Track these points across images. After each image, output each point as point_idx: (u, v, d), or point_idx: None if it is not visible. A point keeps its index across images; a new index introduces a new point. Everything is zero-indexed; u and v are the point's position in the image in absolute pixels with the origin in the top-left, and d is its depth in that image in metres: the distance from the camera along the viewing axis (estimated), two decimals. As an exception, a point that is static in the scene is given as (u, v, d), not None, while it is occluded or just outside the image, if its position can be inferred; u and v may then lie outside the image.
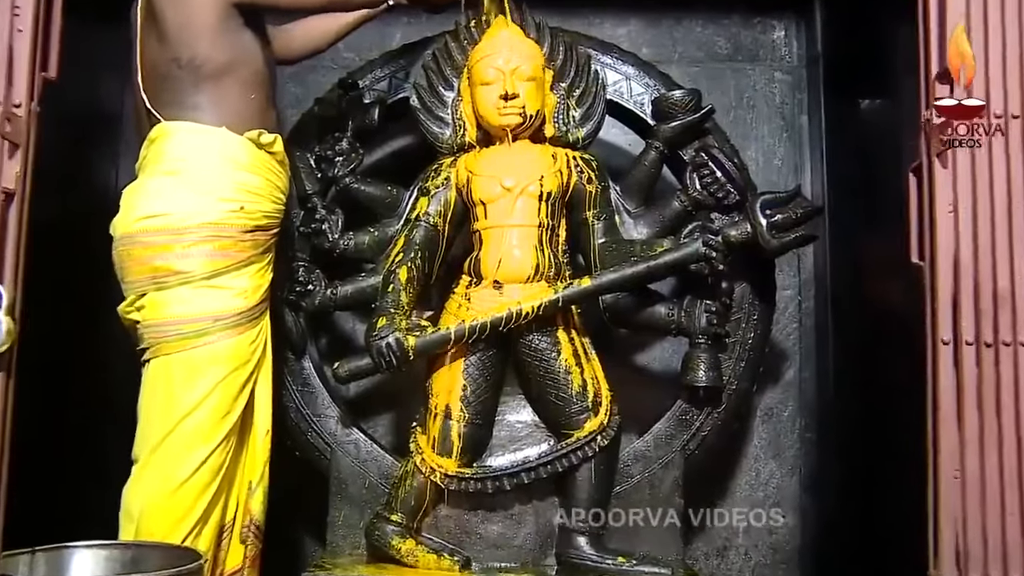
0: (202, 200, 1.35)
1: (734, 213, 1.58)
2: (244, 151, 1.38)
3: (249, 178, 1.39)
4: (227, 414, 1.35)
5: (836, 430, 1.90)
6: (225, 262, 1.36)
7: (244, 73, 1.39)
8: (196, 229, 1.33)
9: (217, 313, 1.34)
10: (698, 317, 1.51)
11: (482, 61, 1.54)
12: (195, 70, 1.35)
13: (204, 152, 1.36)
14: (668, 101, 1.61)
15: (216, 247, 1.35)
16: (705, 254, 1.43)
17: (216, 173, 1.36)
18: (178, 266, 1.33)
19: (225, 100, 1.38)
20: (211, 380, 1.34)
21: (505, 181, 1.49)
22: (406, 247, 1.52)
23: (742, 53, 2.08)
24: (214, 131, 1.37)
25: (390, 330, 1.40)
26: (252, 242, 1.39)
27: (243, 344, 1.37)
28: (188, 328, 1.33)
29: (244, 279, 1.38)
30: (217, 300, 1.35)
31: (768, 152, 2.04)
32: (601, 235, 1.55)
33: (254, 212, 1.39)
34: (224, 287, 1.35)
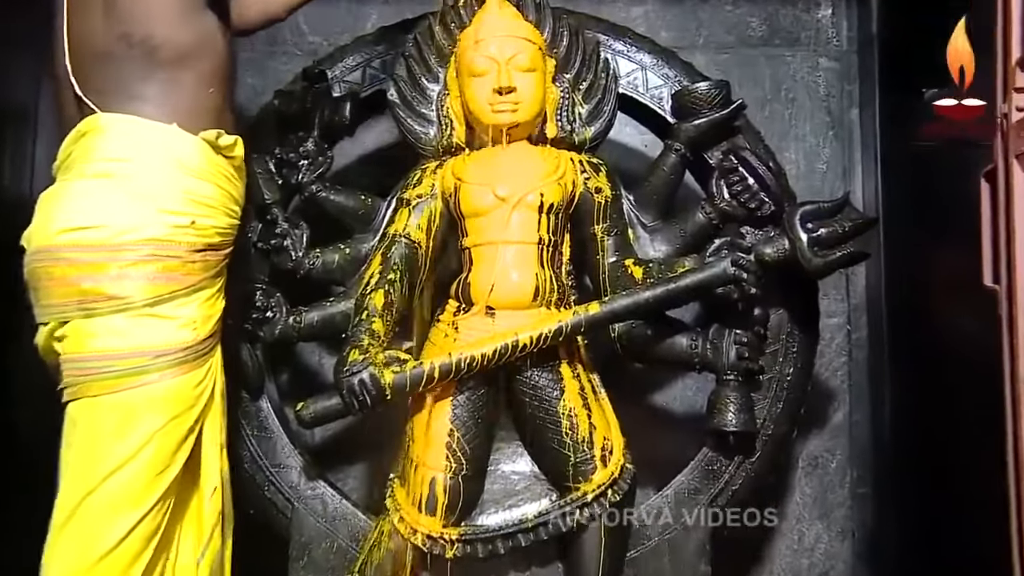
0: (144, 211, 1.34)
1: (769, 227, 1.64)
2: (198, 154, 1.39)
3: (202, 187, 1.40)
4: (164, 470, 1.35)
5: (895, 484, 1.93)
6: (170, 287, 1.36)
7: (204, 63, 1.41)
8: (136, 246, 1.33)
9: (159, 348, 1.34)
10: (726, 350, 1.55)
11: (472, 48, 1.59)
12: (149, 53, 1.36)
13: (149, 153, 1.36)
14: (691, 95, 1.66)
15: (160, 268, 1.34)
16: (735, 275, 1.46)
17: (163, 179, 1.36)
18: (112, 290, 1.32)
19: (179, 92, 1.38)
20: (147, 429, 1.33)
21: (499, 190, 1.54)
22: (383, 267, 1.56)
23: (780, 36, 2.14)
24: (163, 128, 1.37)
25: (363, 365, 1.43)
26: (203, 263, 1.40)
27: (188, 386, 1.37)
28: (122, 365, 1.32)
29: (192, 308, 1.39)
30: (159, 332, 1.35)
31: (811, 154, 2.10)
32: (612, 253, 1.60)
33: (206, 228, 1.40)
34: (168, 317, 1.36)
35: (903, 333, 1.94)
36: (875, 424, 2.01)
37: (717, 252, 1.56)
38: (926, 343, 1.82)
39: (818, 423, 2.01)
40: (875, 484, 2.00)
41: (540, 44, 1.62)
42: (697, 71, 1.77)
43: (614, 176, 1.64)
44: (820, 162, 2.10)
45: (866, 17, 2.11)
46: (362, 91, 1.76)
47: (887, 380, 1.98)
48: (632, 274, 1.57)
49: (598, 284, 1.61)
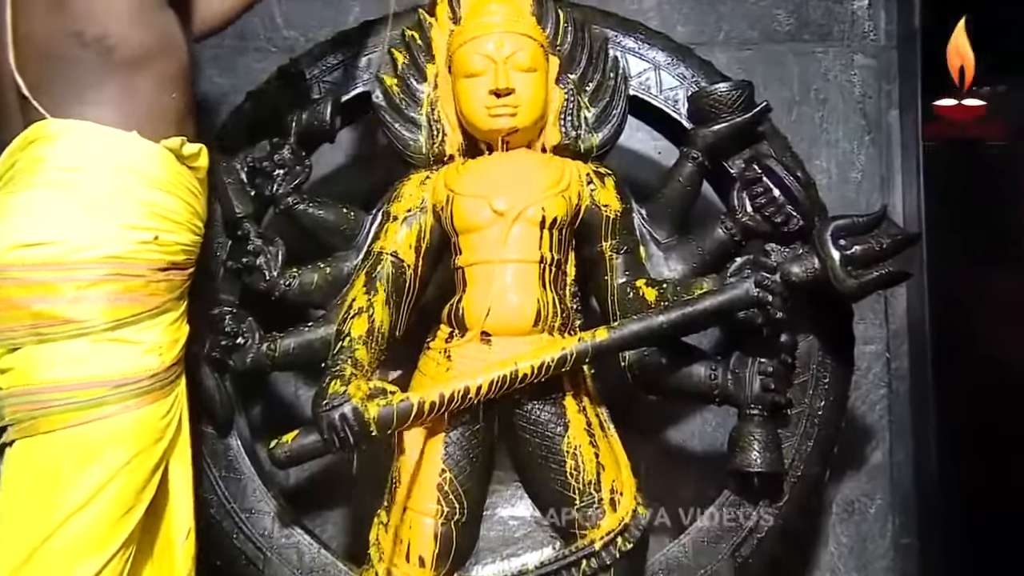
0: (103, 225, 1.36)
1: (797, 243, 1.66)
2: (160, 164, 1.42)
3: (164, 199, 1.42)
4: (129, 511, 1.36)
5: (942, 534, 1.95)
6: (133, 309, 1.38)
7: (165, 64, 1.43)
8: (95, 264, 1.35)
9: (121, 376, 1.36)
10: (750, 381, 1.57)
11: (466, 46, 1.62)
12: (105, 53, 1.37)
13: (106, 161, 1.38)
14: (710, 97, 1.68)
15: (121, 289, 1.36)
16: (759, 297, 1.47)
17: (122, 190, 1.38)
18: (69, 313, 1.33)
19: (139, 96, 1.41)
20: (108, 466, 1.34)
21: (496, 203, 1.56)
22: (367, 289, 1.59)
23: (810, 30, 2.16)
24: (122, 136, 1.39)
25: (345, 397, 1.43)
26: (167, 283, 1.43)
27: (153, 417, 1.40)
28: (81, 396, 1.33)
29: (157, 332, 1.41)
30: (122, 359, 1.37)
31: (844, 162, 2.12)
32: (622, 273, 1.63)
33: (170, 244, 1.42)
34: (131, 341, 1.38)
35: (949, 362, 1.96)
36: (919, 465, 2.02)
37: (739, 272, 1.55)
38: (975, 373, 1.85)
39: (854, 464, 2.02)
40: (920, 533, 2.01)
41: (542, 41, 1.66)
42: (716, 70, 1.80)
43: (624, 187, 1.68)
44: (855, 171, 2.12)
45: (907, 8, 2.13)
46: (344, 92, 1.78)
47: (932, 415, 1.99)
48: (644, 296, 1.59)
49: (606, 307, 1.64)
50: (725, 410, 1.66)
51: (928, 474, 2.00)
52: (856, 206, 2.05)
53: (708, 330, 1.70)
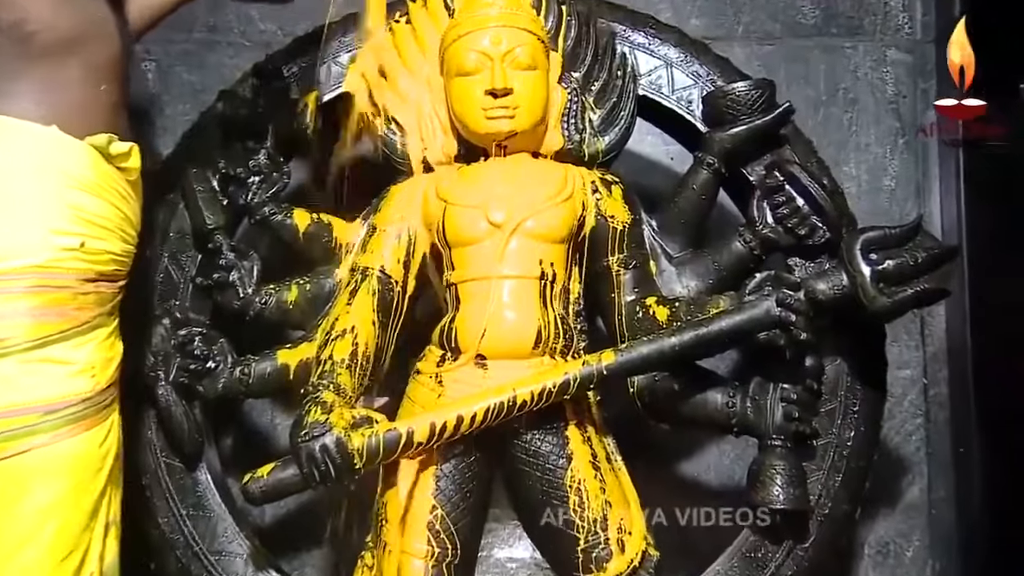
0: (21, 231, 1.34)
1: (823, 258, 1.68)
2: (84, 163, 1.40)
3: (91, 202, 1.40)
4: (70, 554, 1.35)
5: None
6: (60, 324, 1.36)
7: (94, 53, 1.41)
8: (15, 275, 1.33)
9: (51, 401, 1.34)
10: (771, 409, 1.58)
11: (460, 41, 1.64)
12: (23, 40, 1.36)
13: (23, 159, 1.36)
14: (727, 97, 1.70)
15: (45, 302, 1.34)
16: (781, 317, 1.48)
17: (42, 192, 1.36)
18: None
19: (62, 88, 1.39)
20: (43, 503, 1.33)
21: (493, 214, 1.59)
22: (350, 308, 1.61)
23: (838, 23, 2.19)
24: (40, 131, 1.37)
25: (326, 427, 1.44)
26: (96, 296, 1.41)
27: (90, 446, 1.38)
28: (6, 426, 1.32)
29: (88, 350, 1.40)
30: (50, 382, 1.35)
31: (876, 168, 2.15)
32: (630, 290, 1.65)
33: (98, 253, 1.40)
34: (60, 361, 1.36)
35: (994, 388, 1.97)
36: (961, 503, 2.03)
37: (759, 289, 1.57)
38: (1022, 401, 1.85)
39: (888, 501, 2.04)
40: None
41: (543, 36, 1.68)
42: (734, 67, 1.82)
43: (632, 196, 1.70)
44: (887, 178, 2.15)
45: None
46: (326, 92, 1.81)
47: (975, 447, 2.01)
48: (655, 316, 1.61)
49: (613, 328, 1.65)
50: (744, 441, 1.67)
51: (970, 513, 2.01)
52: (889, 216, 2.08)
53: (725, 353, 1.71)
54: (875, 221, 1.75)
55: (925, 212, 2.06)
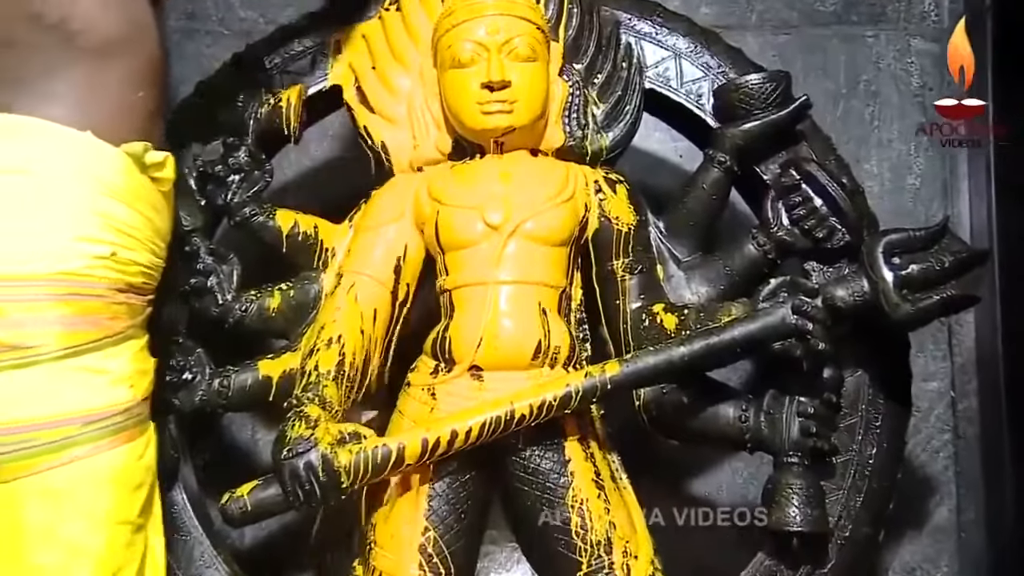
0: (52, 236, 1.36)
1: (842, 262, 1.69)
2: (118, 171, 1.42)
3: (122, 212, 1.42)
4: (119, 571, 1.36)
5: (1021, 605, 1.96)
6: (93, 333, 1.37)
7: (134, 58, 1.44)
8: (44, 281, 1.34)
9: (89, 411, 1.35)
10: (787, 423, 1.59)
11: (454, 31, 1.64)
12: (67, 38, 1.38)
13: (58, 164, 1.38)
14: (740, 90, 1.71)
15: (77, 310, 1.36)
16: (797, 325, 1.48)
17: (75, 198, 1.38)
18: (13, 338, 1.32)
19: (99, 92, 1.41)
20: (85, 520, 1.34)
21: (490, 215, 1.60)
22: (337, 315, 1.62)
23: (858, 11, 2.21)
24: (76, 136, 1.39)
25: (311, 443, 1.44)
26: (127, 307, 1.43)
27: (129, 459, 1.40)
28: (41, 438, 1.32)
29: (124, 360, 1.41)
30: (88, 391, 1.36)
31: (899, 165, 2.16)
32: (636, 297, 1.66)
33: (128, 263, 1.42)
34: (96, 370, 1.37)
35: (1028, 401, 1.97)
36: (992, 525, 2.04)
37: (774, 295, 1.57)
38: (1057, 415, 1.85)
39: (914, 523, 2.04)
40: (994, 605, 2.02)
41: (543, 25, 1.69)
42: (748, 59, 1.82)
43: (638, 196, 1.71)
44: (912, 176, 2.16)
45: (976, -17, 2.16)
46: (311, 84, 1.81)
47: (1007, 465, 2.01)
48: (662, 324, 1.62)
49: (618, 337, 1.67)
50: (759, 458, 1.68)
51: (1003, 536, 2.02)
52: (913, 217, 2.09)
53: (737, 364, 1.72)
54: (898, 222, 1.77)
55: (952, 213, 2.07)
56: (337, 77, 1.81)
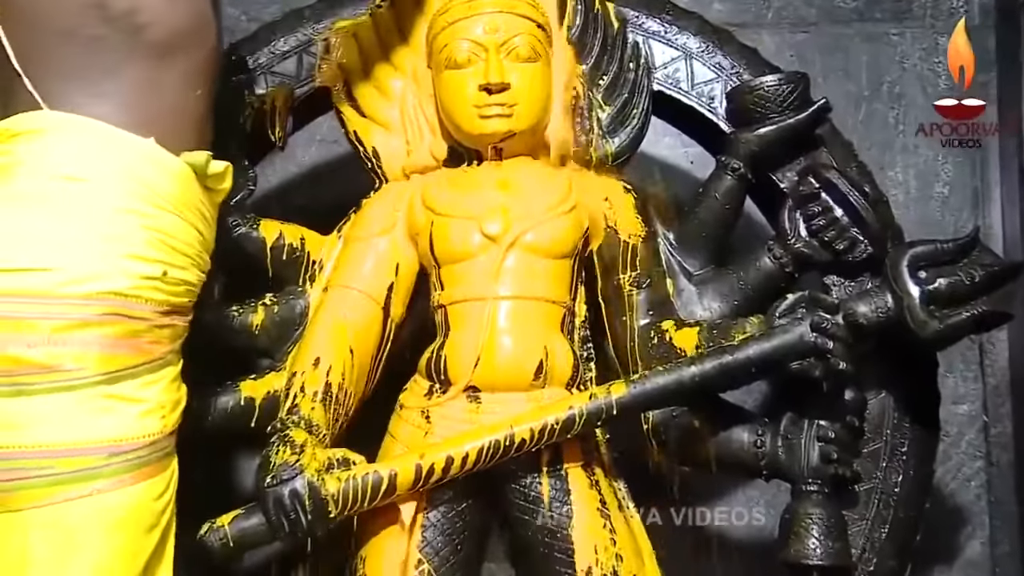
0: (102, 252, 1.33)
1: (865, 276, 1.70)
2: (179, 184, 1.41)
3: (177, 228, 1.41)
4: None
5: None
6: (133, 358, 1.36)
7: (195, 54, 1.44)
8: (90, 300, 1.32)
9: (115, 442, 1.34)
10: (806, 449, 1.59)
11: (450, 29, 1.66)
12: (132, 32, 1.37)
13: (115, 173, 1.36)
14: (755, 92, 1.72)
15: (119, 333, 1.34)
16: (816, 344, 1.48)
17: (128, 212, 1.36)
18: (48, 358, 1.30)
19: (159, 92, 1.40)
20: (93, 559, 1.32)
21: (488, 226, 1.60)
22: (325, 332, 1.63)
23: (882, 7, 2.21)
24: (136, 143, 1.38)
25: (296, 469, 1.45)
26: (170, 330, 1.42)
27: (148, 498, 1.37)
28: (63, 467, 1.30)
29: (159, 389, 1.40)
30: (117, 421, 1.34)
31: (925, 173, 2.16)
32: (644, 313, 1.67)
33: (177, 283, 1.41)
34: (129, 399, 1.36)
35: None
36: (1030, 559, 2.03)
37: (791, 311, 1.56)
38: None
39: (944, 556, 2.03)
40: (1033, 646, 2.02)
41: (544, 23, 1.70)
42: (763, 59, 1.83)
43: (647, 206, 1.73)
44: (939, 183, 2.16)
45: (1008, -25, 2.16)
46: (298, 86, 1.82)
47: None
48: (672, 342, 1.63)
49: (625, 356, 1.67)
50: (775, 486, 1.69)
51: (1040, 570, 2.01)
52: (941, 228, 2.09)
53: (752, 385, 1.72)
54: (925, 233, 1.78)
55: (983, 223, 2.07)
56: (325, 78, 1.81)
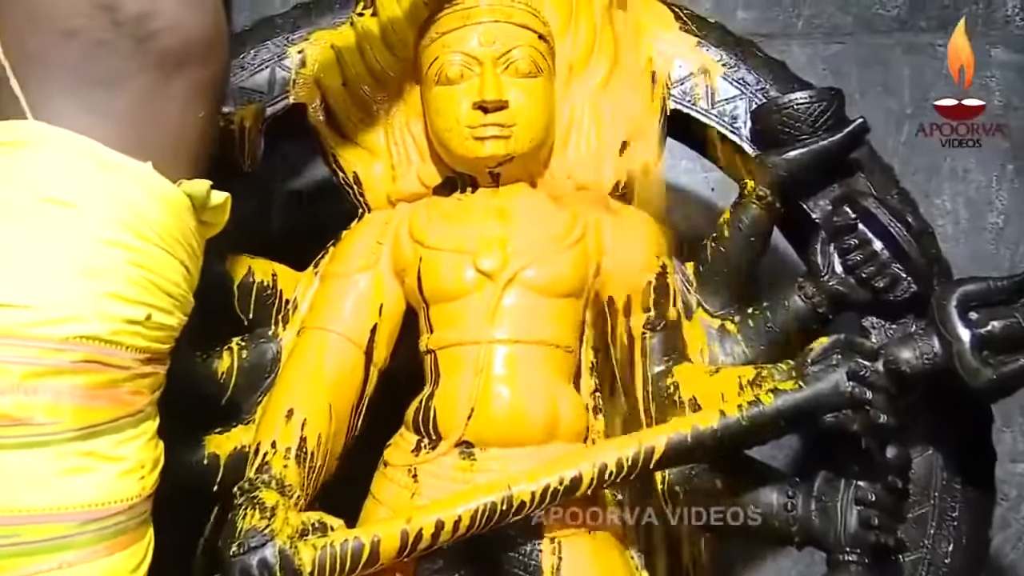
0: (81, 290, 1.31)
1: (908, 318, 1.71)
2: (173, 216, 1.39)
3: (165, 265, 1.39)
4: None
5: None
6: (112, 411, 1.34)
7: (202, 69, 1.42)
8: (64, 344, 1.29)
9: (94, 505, 1.32)
10: (843, 513, 1.58)
11: (441, 41, 1.67)
12: (142, 39, 1.34)
13: (103, 199, 1.33)
14: (783, 111, 1.72)
15: (98, 383, 1.32)
16: (853, 394, 1.49)
17: (116, 245, 1.34)
18: (17, 409, 1.27)
19: (161, 110, 1.38)
20: None
21: (483, 260, 1.61)
22: (299, 380, 1.65)
23: (926, 15, 2.24)
24: (132, 167, 1.35)
25: (266, 536, 1.45)
26: (151, 380, 1.41)
27: (123, 569, 1.36)
28: (30, 535, 1.28)
29: (138, 446, 1.39)
30: (92, 483, 1.33)
31: (977, 200, 2.18)
32: (659, 358, 1.68)
33: (160, 328, 1.40)
34: (106, 457, 1.34)
35: None
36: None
37: (825, 358, 1.56)
38: None
39: (1002, 635, 2.05)
40: None
41: (546, 34, 1.72)
42: (792, 73, 1.84)
43: (662, 238, 1.74)
44: (992, 213, 2.18)
45: (1069, -21, 2.19)
46: (270, 104, 1.84)
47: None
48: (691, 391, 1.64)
49: (637, 406, 1.68)
50: (809, 555, 1.68)
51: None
52: (995, 264, 2.12)
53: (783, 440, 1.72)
54: (977, 269, 1.78)
55: (1043, 257, 2.09)
56: (301, 95, 1.83)
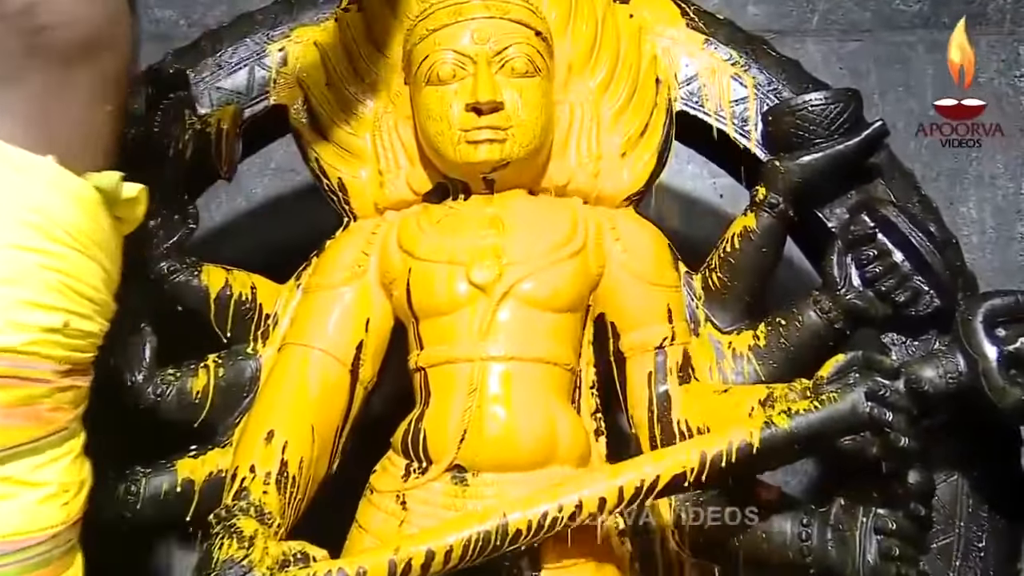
0: None
1: (931, 333, 1.71)
2: (83, 212, 1.38)
3: (81, 267, 1.37)
4: None
5: None
6: (31, 430, 1.33)
7: (106, 62, 1.42)
8: None
9: (14, 536, 1.31)
10: (861, 543, 1.58)
11: (431, 38, 1.68)
12: (30, 33, 1.35)
13: (9, 201, 1.32)
14: (796, 113, 1.73)
15: (14, 400, 1.31)
16: (872, 416, 1.48)
17: (23, 248, 1.32)
18: None
19: (63, 105, 1.39)
20: None
21: (476, 273, 1.61)
22: (280, 401, 1.65)
23: (951, 10, 2.24)
24: (32, 162, 1.35)
25: (244, 567, 1.45)
26: (72, 394, 1.39)
27: None
28: None
29: (60, 468, 1.37)
30: (13, 510, 1.32)
31: (1005, 208, 2.18)
32: (664, 377, 1.68)
33: (79, 336, 1.38)
34: (25, 483, 1.33)
35: None
36: None
37: (842, 377, 1.55)
38: None
39: None
40: None
41: (544, 31, 1.72)
42: (807, 73, 1.85)
43: (669, 248, 1.75)
44: (1022, 222, 2.19)
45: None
46: (248, 105, 1.84)
47: None
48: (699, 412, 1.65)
49: (642, 428, 1.70)
50: (826, 587, 1.69)
51: None
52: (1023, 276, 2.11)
53: (797, 465, 1.73)
54: (1005, 282, 1.84)
55: (1074, 270, 2.09)
56: (282, 96, 1.84)
